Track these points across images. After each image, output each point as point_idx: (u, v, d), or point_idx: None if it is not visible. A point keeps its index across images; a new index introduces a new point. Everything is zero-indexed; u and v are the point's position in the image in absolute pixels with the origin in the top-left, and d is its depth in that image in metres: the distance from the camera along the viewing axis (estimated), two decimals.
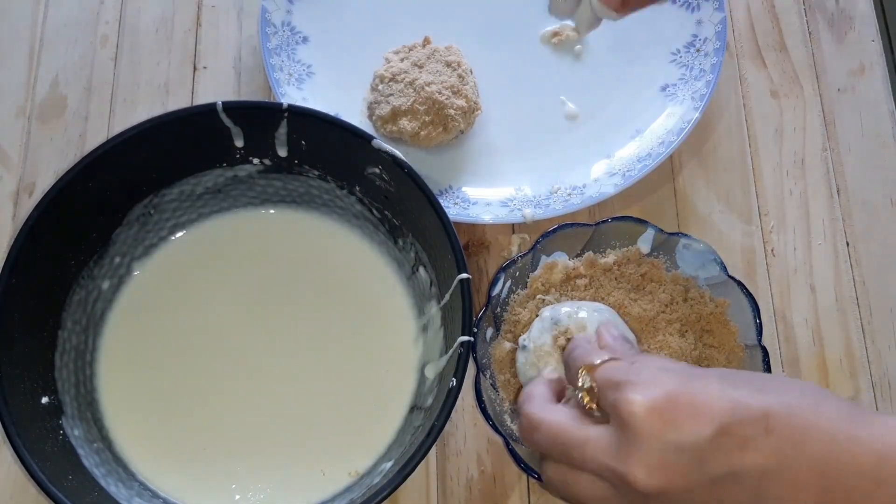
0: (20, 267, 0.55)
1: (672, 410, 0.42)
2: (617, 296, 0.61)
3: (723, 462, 0.42)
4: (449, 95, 0.66)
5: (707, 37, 0.72)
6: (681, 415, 0.42)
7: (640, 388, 0.43)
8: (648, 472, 0.42)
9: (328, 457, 0.59)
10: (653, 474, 0.42)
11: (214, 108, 0.58)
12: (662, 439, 0.42)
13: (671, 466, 0.42)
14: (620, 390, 0.44)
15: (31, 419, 0.54)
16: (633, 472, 0.42)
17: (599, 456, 0.44)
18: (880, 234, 0.69)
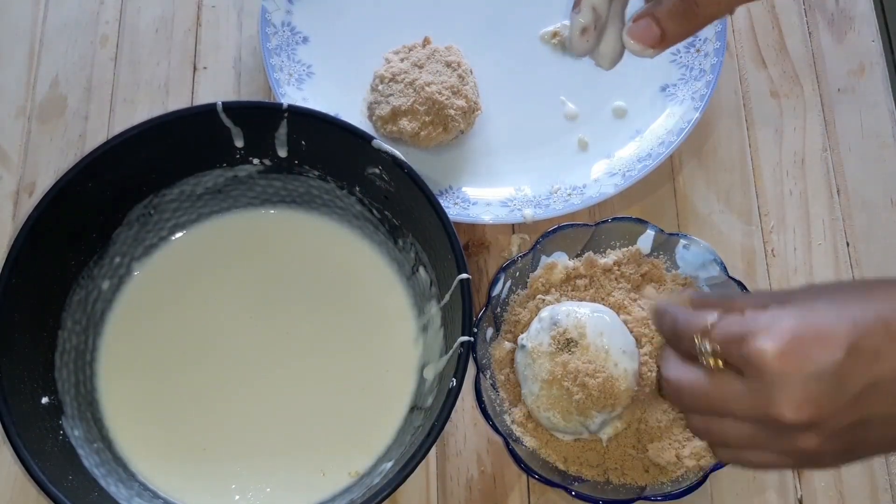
0: (20, 267, 0.55)
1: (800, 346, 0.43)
2: (617, 296, 0.61)
3: (860, 377, 0.43)
4: (449, 95, 0.66)
5: (707, 37, 0.72)
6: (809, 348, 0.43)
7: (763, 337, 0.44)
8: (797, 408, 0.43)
9: (328, 457, 0.59)
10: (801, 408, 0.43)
11: (214, 109, 0.58)
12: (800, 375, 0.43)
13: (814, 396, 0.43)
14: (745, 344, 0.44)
15: (31, 419, 0.54)
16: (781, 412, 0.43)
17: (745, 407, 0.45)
18: (880, 234, 0.69)
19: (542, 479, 0.56)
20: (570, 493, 0.56)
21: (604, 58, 0.51)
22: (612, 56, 0.51)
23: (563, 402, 0.56)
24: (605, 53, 0.51)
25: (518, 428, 0.59)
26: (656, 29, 0.47)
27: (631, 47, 0.48)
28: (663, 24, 0.47)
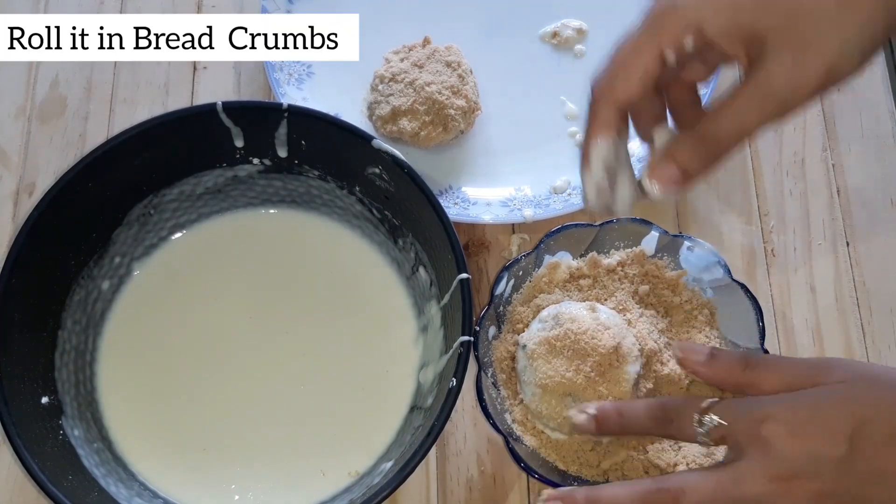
0: (20, 267, 0.55)
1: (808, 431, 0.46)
2: (620, 297, 0.61)
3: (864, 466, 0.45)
4: (449, 95, 0.66)
5: None
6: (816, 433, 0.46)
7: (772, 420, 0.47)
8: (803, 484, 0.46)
9: (328, 457, 0.59)
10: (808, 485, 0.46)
11: (214, 109, 0.58)
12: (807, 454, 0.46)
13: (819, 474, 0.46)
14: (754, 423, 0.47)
15: (31, 419, 0.54)
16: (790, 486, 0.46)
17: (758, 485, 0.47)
18: (880, 234, 0.69)
19: (542, 478, 0.56)
20: None
21: (621, 204, 0.50)
22: (629, 201, 0.50)
23: (560, 406, 0.56)
24: (621, 200, 0.50)
25: (518, 427, 0.59)
26: (677, 170, 0.47)
27: (653, 191, 0.47)
28: (685, 164, 0.47)
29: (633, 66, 0.46)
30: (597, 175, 0.48)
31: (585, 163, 0.49)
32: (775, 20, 0.44)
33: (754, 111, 0.45)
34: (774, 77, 0.44)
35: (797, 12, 0.44)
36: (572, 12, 0.74)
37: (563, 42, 0.74)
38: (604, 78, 0.47)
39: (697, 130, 0.46)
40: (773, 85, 0.44)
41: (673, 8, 0.46)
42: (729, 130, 0.46)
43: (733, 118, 0.45)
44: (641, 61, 0.46)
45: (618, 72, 0.47)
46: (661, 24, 0.46)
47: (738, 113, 0.45)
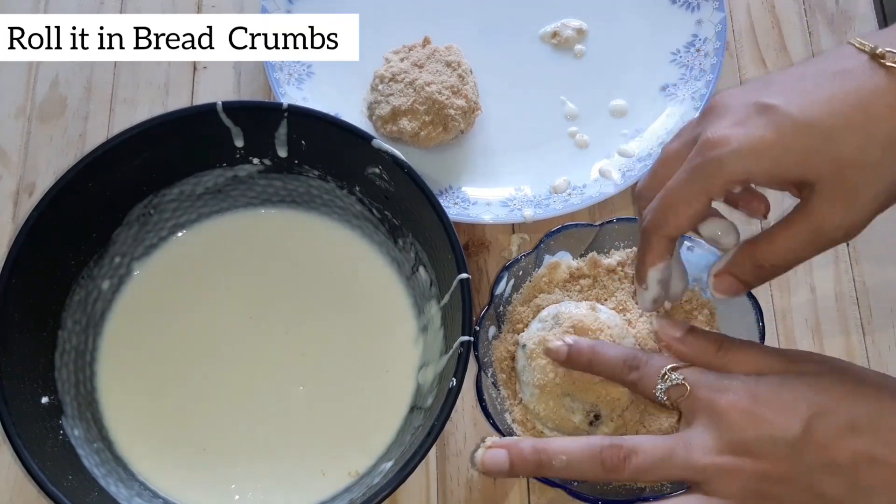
0: (20, 267, 0.55)
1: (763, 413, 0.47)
2: (620, 297, 0.61)
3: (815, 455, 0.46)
4: (449, 95, 0.66)
5: (707, 37, 0.72)
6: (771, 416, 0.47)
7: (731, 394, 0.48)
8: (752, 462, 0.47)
9: (328, 457, 0.59)
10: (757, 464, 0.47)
11: (214, 108, 0.58)
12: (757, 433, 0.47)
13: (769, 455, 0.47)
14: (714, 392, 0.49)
15: (31, 419, 0.54)
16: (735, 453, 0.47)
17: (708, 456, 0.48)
18: (880, 234, 0.69)
19: (542, 478, 0.56)
20: (569, 492, 0.56)
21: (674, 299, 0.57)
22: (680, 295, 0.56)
23: (559, 407, 0.56)
24: (674, 296, 0.55)
25: (518, 427, 0.59)
26: (739, 284, 0.52)
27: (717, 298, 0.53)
28: (744, 280, 0.52)
29: (683, 211, 0.49)
30: (653, 291, 0.53)
31: (641, 282, 0.53)
32: (822, 171, 0.46)
33: (808, 247, 0.49)
34: (828, 221, 0.47)
35: (843, 163, 0.45)
36: (572, 12, 0.74)
37: (563, 42, 0.74)
38: (656, 214, 0.50)
39: (755, 254, 0.50)
40: (827, 228, 0.47)
41: (719, 164, 0.47)
42: (784, 259, 0.50)
43: (787, 250, 0.49)
44: (691, 208, 0.49)
45: (669, 212, 0.49)
46: (708, 178, 0.48)
47: (792, 247, 0.49)
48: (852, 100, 0.45)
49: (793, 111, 0.46)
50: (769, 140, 0.46)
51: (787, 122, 0.46)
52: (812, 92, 0.46)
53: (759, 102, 0.47)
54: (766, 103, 0.47)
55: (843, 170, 0.46)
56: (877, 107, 0.45)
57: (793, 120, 0.46)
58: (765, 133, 0.46)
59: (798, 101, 0.46)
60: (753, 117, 0.47)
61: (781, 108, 0.46)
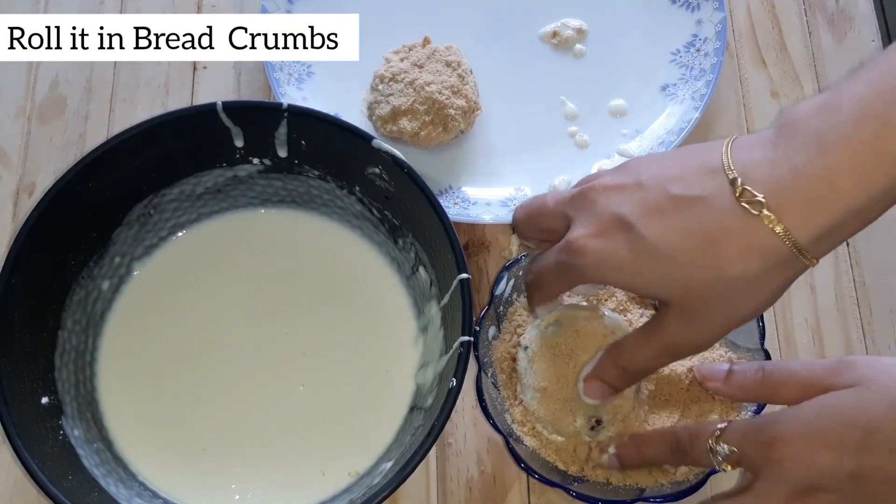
0: (20, 267, 0.55)
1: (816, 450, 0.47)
2: (620, 297, 0.61)
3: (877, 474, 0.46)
4: (449, 95, 0.66)
5: (707, 37, 0.72)
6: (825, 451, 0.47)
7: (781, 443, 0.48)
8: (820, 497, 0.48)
9: (328, 457, 0.59)
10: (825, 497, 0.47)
11: (214, 108, 0.58)
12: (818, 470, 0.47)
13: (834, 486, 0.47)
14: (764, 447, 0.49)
15: (31, 419, 0.54)
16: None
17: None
18: (880, 234, 0.69)
19: (542, 478, 0.56)
20: (570, 493, 0.56)
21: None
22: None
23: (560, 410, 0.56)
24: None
25: (518, 427, 0.59)
26: (608, 388, 0.54)
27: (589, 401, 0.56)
28: (611, 382, 0.54)
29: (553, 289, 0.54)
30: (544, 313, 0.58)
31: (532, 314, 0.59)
32: (673, 295, 0.48)
33: (664, 358, 0.52)
34: (679, 339, 0.49)
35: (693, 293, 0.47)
36: (572, 12, 0.74)
37: (563, 42, 0.74)
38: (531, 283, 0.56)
39: (618, 360, 0.53)
40: (678, 345, 0.50)
41: (580, 270, 0.50)
42: (644, 367, 0.53)
43: (645, 360, 0.52)
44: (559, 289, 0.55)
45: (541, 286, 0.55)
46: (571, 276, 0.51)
47: (649, 357, 0.52)
48: (705, 235, 0.45)
49: (648, 235, 0.46)
50: (624, 260, 0.47)
51: (641, 247, 0.47)
52: (669, 215, 0.46)
53: (621, 216, 0.48)
54: (626, 220, 0.47)
55: (692, 298, 0.47)
56: (728, 248, 0.45)
57: (647, 245, 0.47)
58: (621, 252, 0.47)
59: (655, 225, 0.47)
60: (613, 231, 0.48)
61: (639, 229, 0.47)
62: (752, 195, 0.44)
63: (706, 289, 0.46)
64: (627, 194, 0.48)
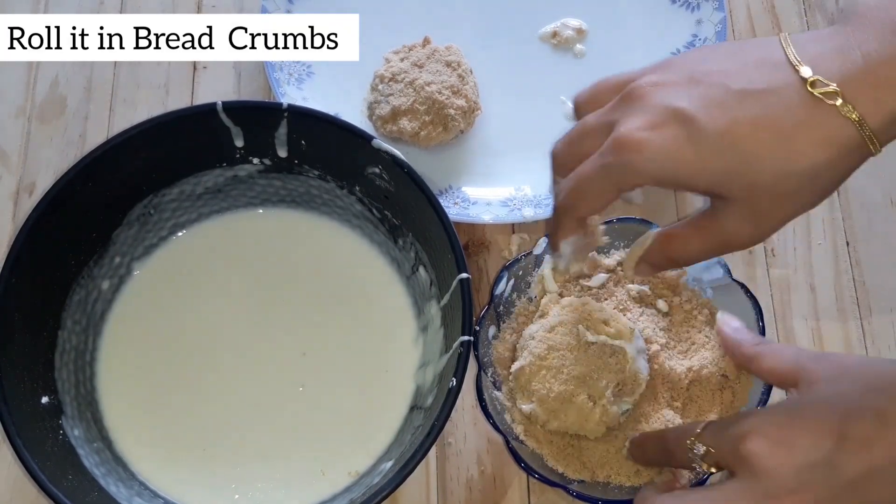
0: (20, 267, 0.55)
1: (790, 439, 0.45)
2: (620, 296, 0.61)
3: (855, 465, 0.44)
4: (449, 95, 0.66)
5: (707, 37, 0.72)
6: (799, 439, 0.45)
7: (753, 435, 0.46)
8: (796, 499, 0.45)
9: (328, 457, 0.59)
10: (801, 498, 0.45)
11: (214, 108, 0.58)
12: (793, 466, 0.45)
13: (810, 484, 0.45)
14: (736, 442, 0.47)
15: (31, 419, 0.54)
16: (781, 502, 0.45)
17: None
18: (880, 234, 0.69)
19: (541, 478, 0.56)
20: (569, 493, 0.56)
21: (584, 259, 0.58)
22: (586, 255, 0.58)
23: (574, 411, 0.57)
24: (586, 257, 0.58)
25: (518, 427, 0.59)
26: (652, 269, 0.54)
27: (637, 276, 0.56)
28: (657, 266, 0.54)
29: (594, 199, 0.49)
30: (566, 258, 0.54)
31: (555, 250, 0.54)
32: (736, 191, 0.46)
33: (715, 251, 0.50)
34: (734, 235, 0.48)
35: (758, 189, 0.45)
36: (572, 12, 0.74)
37: (563, 42, 0.74)
38: (568, 197, 0.50)
39: (668, 249, 0.51)
40: (732, 240, 0.49)
41: (632, 168, 0.46)
42: (693, 258, 0.51)
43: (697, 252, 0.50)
44: (602, 198, 0.49)
45: (580, 198, 0.50)
46: (620, 178, 0.47)
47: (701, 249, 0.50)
48: (776, 128, 0.44)
49: (712, 128, 0.45)
50: (686, 154, 0.45)
51: (706, 139, 0.45)
52: (735, 108, 0.45)
53: (678, 109, 0.45)
54: (686, 112, 0.45)
55: (757, 194, 0.46)
56: (800, 141, 0.44)
57: (713, 138, 0.45)
58: (682, 146, 0.45)
59: (720, 118, 0.45)
60: (670, 124, 0.45)
61: (701, 121, 0.45)
62: (825, 84, 0.44)
63: (774, 184, 0.45)
64: (683, 89, 0.46)
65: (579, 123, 0.51)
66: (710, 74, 0.47)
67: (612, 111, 0.49)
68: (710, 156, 0.45)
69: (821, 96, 0.44)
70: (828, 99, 0.44)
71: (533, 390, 0.57)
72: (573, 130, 0.51)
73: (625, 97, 0.48)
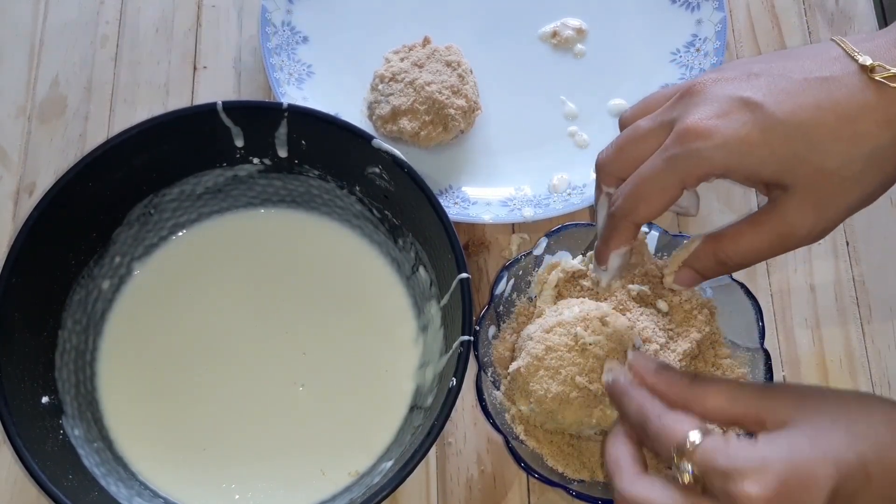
0: (20, 267, 0.55)
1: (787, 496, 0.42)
2: (620, 297, 0.61)
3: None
4: (449, 95, 0.66)
5: (707, 37, 0.72)
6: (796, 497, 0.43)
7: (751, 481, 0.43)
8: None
9: (328, 457, 0.59)
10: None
11: (215, 108, 0.58)
12: None
13: None
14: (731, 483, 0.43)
15: (31, 419, 0.54)
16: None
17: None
18: (880, 234, 0.69)
19: (541, 478, 0.56)
20: (569, 492, 0.56)
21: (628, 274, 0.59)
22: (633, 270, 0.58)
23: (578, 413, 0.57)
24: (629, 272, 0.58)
25: (518, 427, 0.59)
26: (698, 277, 0.51)
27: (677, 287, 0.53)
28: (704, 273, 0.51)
29: (656, 199, 0.48)
30: (612, 272, 0.53)
31: (602, 263, 0.52)
32: (801, 177, 0.45)
33: (774, 248, 0.48)
34: (798, 227, 0.46)
35: (824, 173, 0.45)
36: (572, 12, 0.74)
37: (563, 42, 0.74)
38: (627, 200, 0.48)
39: (718, 251, 0.49)
40: (796, 233, 0.47)
41: (700, 157, 0.46)
42: (748, 258, 0.49)
43: (753, 250, 0.48)
44: (665, 197, 0.48)
45: (641, 200, 0.48)
46: (686, 169, 0.46)
47: (758, 247, 0.48)
48: (841, 111, 0.45)
49: (779, 113, 0.45)
50: (755, 140, 0.45)
51: (774, 124, 0.45)
52: (799, 95, 0.45)
53: (744, 98, 0.46)
54: (752, 100, 0.45)
55: (823, 179, 0.45)
56: (864, 122, 0.45)
57: (780, 123, 0.45)
58: (751, 131, 0.45)
59: (786, 103, 0.45)
60: (737, 112, 0.46)
61: (768, 107, 0.45)
62: (886, 69, 0.45)
63: (840, 168, 0.45)
64: (745, 82, 0.46)
65: (630, 128, 0.49)
66: (769, 69, 0.47)
67: (671, 110, 0.48)
68: (778, 140, 0.45)
69: (882, 80, 0.45)
70: (890, 82, 0.45)
71: (531, 391, 0.56)
72: (623, 136, 0.50)
73: (684, 94, 0.48)
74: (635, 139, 0.49)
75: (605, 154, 0.50)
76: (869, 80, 0.45)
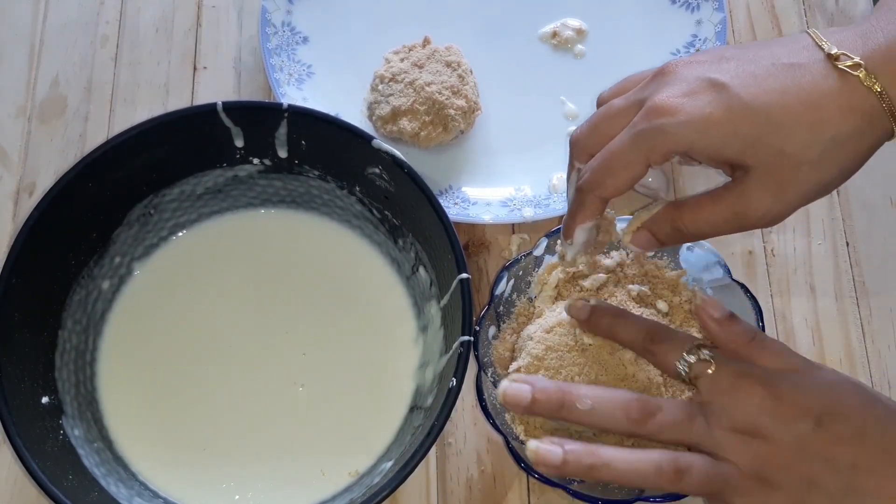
0: (20, 267, 0.55)
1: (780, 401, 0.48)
2: (619, 297, 0.61)
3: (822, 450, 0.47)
4: (449, 95, 0.67)
5: (707, 37, 0.72)
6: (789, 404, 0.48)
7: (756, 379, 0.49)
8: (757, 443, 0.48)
9: (328, 457, 0.59)
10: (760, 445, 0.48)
11: (214, 109, 0.58)
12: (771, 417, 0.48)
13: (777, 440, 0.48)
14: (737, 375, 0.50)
15: (31, 419, 0.54)
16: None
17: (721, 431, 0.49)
18: (880, 234, 0.69)
19: (541, 478, 0.56)
20: (569, 493, 0.56)
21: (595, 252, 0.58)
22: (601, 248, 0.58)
23: None
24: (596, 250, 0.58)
25: (518, 427, 0.59)
26: (655, 241, 0.52)
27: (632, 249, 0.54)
28: (660, 238, 0.52)
29: (622, 174, 0.49)
30: (577, 247, 0.54)
31: (568, 237, 0.54)
32: (761, 159, 0.47)
33: (729, 226, 0.50)
34: (754, 208, 0.48)
35: (784, 156, 0.46)
36: (572, 12, 0.74)
37: (563, 42, 0.74)
38: (594, 175, 0.50)
39: (676, 219, 0.51)
40: (751, 214, 0.48)
41: (664, 132, 0.47)
42: (702, 231, 0.50)
43: (708, 224, 0.50)
44: (630, 172, 0.49)
45: (608, 174, 0.49)
46: (651, 144, 0.48)
47: (714, 221, 0.49)
48: (804, 96, 0.46)
49: (744, 95, 0.46)
50: (718, 118, 0.46)
51: (738, 105, 0.46)
52: (766, 79, 0.46)
53: (712, 79, 0.47)
54: (719, 81, 0.47)
55: (782, 162, 0.46)
56: (827, 109, 0.46)
57: (744, 104, 0.46)
58: (714, 110, 0.46)
59: (751, 86, 0.46)
60: (704, 91, 0.47)
61: (733, 89, 0.46)
62: (849, 58, 0.46)
63: (800, 152, 0.46)
64: (715, 65, 0.48)
65: (604, 107, 0.51)
66: (740, 55, 0.48)
67: (643, 89, 0.50)
68: (741, 121, 0.46)
69: (845, 69, 0.46)
70: (852, 70, 0.46)
71: None
72: (597, 114, 0.51)
73: (657, 75, 0.50)
74: (608, 117, 0.50)
75: (579, 131, 0.52)
76: (833, 68, 0.46)
